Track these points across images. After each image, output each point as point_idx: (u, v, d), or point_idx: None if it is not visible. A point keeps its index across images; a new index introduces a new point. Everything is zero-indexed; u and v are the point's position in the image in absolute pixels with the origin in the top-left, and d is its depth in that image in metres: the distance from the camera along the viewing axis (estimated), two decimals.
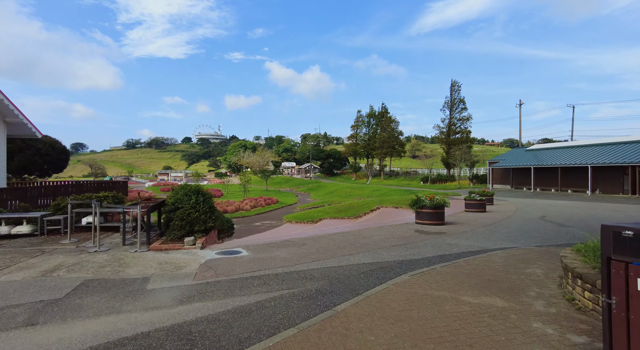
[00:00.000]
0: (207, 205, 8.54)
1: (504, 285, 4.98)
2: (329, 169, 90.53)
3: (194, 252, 7.15)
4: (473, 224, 12.11)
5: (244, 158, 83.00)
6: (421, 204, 11.87)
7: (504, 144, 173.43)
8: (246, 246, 7.83)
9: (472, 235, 9.66)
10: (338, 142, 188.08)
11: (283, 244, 8.11)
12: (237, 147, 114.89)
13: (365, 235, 9.54)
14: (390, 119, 70.14)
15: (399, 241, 8.59)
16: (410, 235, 9.51)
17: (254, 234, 26.05)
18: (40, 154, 58.03)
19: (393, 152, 67.80)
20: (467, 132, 55.10)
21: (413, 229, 10.88)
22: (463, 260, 6.58)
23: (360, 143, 76.19)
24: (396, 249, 7.62)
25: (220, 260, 6.53)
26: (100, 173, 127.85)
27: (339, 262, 6.40)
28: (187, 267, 6.03)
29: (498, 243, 8.45)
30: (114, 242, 7.91)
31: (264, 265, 6.20)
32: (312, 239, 8.78)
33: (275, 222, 31.00)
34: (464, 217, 14.07)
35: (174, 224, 8.05)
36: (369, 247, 7.79)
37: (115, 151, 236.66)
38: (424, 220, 11.86)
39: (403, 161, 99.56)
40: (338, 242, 8.36)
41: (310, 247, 7.82)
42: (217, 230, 15.05)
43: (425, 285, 4.97)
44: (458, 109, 55.66)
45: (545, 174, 34.38)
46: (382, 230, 10.51)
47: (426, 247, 7.84)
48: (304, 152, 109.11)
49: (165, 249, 7.27)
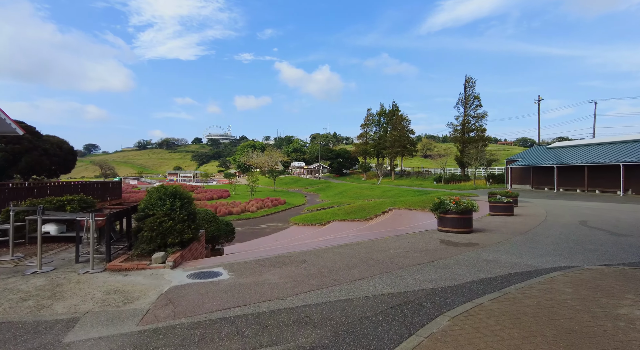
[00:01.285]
0: (185, 211, 6.94)
1: (604, 345, 3.23)
2: (339, 169, 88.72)
3: (161, 273, 5.55)
4: (505, 231, 10.30)
5: (252, 158, 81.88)
6: (445, 209, 10.10)
7: (517, 143, 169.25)
8: (230, 265, 6.19)
9: (511, 247, 7.87)
10: (347, 141, 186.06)
11: (277, 262, 6.45)
12: (246, 147, 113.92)
13: (380, 247, 7.84)
14: (402, 118, 68.03)
15: (423, 257, 6.87)
16: (436, 248, 7.77)
17: (258, 237, 24.45)
18: (48, 155, 57.68)
19: (404, 151, 65.66)
20: (482, 130, 52.77)
21: (437, 238, 9.12)
22: (516, 288, 4.83)
23: (371, 142, 74.18)
24: (422, 270, 5.90)
25: (190, 287, 4.91)
26: (111, 173, 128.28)
27: (348, 293, 4.72)
28: (140, 299, 4.43)
29: (549, 259, 6.66)
30: (68, 259, 6.36)
31: (245, 296, 4.56)
32: (315, 254, 7.11)
33: (281, 224, 29.41)
34: (491, 223, 12.24)
35: (142, 236, 6.47)
36: (387, 266, 6.09)
37: (127, 152, 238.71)
38: (448, 227, 10.10)
39: (414, 161, 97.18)
40: (346, 259, 6.68)
41: (311, 265, 6.15)
42: (212, 236, 13.50)
43: (477, 340, 3.27)
44: (473, 106, 53.35)
45: (569, 174, 32.07)
46: (400, 240, 8.78)
47: (460, 267, 6.11)
48: (313, 152, 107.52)
49: (125, 268, 5.69)
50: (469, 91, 53.85)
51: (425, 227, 11.69)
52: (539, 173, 36.11)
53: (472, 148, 47.00)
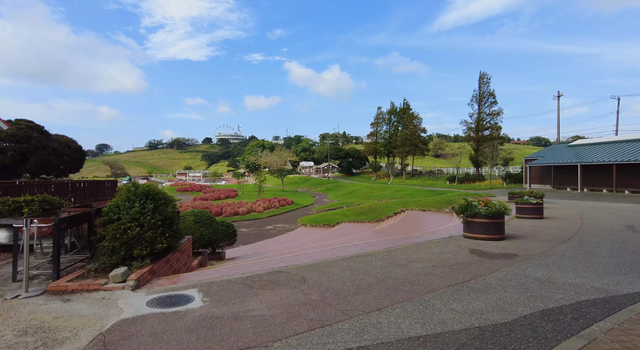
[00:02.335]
0: (159, 215, 5.64)
1: None
2: (348, 169, 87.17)
3: (116, 297, 4.25)
4: (543, 238, 8.76)
5: (261, 158, 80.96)
6: (473, 212, 8.62)
7: (530, 142, 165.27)
8: (208, 285, 4.84)
9: (560, 260, 6.36)
10: (357, 141, 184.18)
11: (269, 280, 5.09)
12: (255, 146, 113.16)
13: (399, 259, 6.42)
14: (413, 116, 66.16)
15: (455, 274, 5.43)
16: (468, 261, 6.32)
17: (264, 239, 23.12)
18: (56, 154, 57.49)
19: (416, 150, 63.77)
20: (498, 128, 50.71)
21: (465, 247, 7.66)
22: (602, 330, 3.39)
23: (381, 141, 72.38)
24: (457, 294, 4.47)
25: (144, 321, 3.58)
26: (121, 173, 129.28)
27: (361, 335, 3.33)
28: (65, 344, 3.11)
29: (620, 279, 5.15)
30: (7, 275, 5.11)
31: (214, 340, 3.21)
32: (318, 269, 5.72)
33: (288, 225, 28.09)
34: (522, 227, 10.70)
35: (102, 246, 5.19)
36: (411, 289, 4.68)
37: (138, 152, 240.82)
38: (477, 233, 8.61)
39: (425, 160, 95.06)
40: (358, 277, 5.28)
41: (312, 287, 4.78)
42: (208, 240, 12.23)
43: None
44: (487, 102, 51.32)
45: (595, 173, 30.04)
46: (421, 250, 7.34)
47: (506, 289, 4.66)
48: (322, 151, 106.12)
49: (72, 290, 4.40)
50: (484, 87, 51.82)
51: (448, 232, 10.20)
52: (561, 172, 34.09)
53: (487, 146, 45.07)
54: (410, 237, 9.43)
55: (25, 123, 52.19)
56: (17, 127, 50.77)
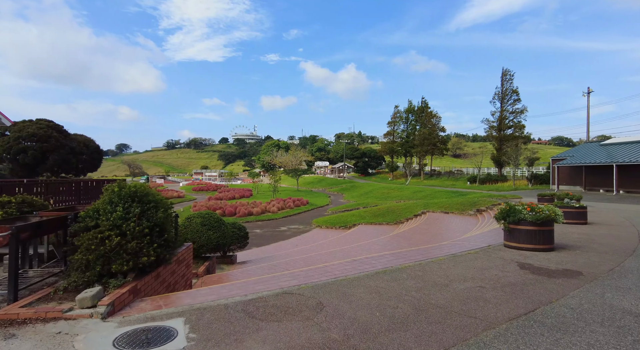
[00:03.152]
0: (147, 222, 4.67)
1: None
2: (364, 169, 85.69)
3: (77, 331, 3.27)
4: (599, 249, 7.44)
5: (277, 157, 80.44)
6: (517, 218, 7.36)
7: (552, 142, 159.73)
8: (199, 312, 3.82)
9: None
10: (373, 141, 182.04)
11: (277, 306, 4.03)
12: (270, 146, 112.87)
13: (435, 277, 5.27)
14: (431, 114, 64.26)
15: (511, 300, 4.25)
16: (520, 280, 5.12)
17: (278, 241, 22.15)
18: (74, 153, 58.14)
19: (434, 149, 61.89)
20: (521, 126, 48.48)
21: (511, 260, 6.43)
22: None
23: (398, 141, 70.67)
24: (525, 334, 3.32)
25: None
26: (139, 172, 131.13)
27: None
28: None
29: None
30: None
31: None
32: (338, 290, 4.62)
33: (303, 226, 27.08)
34: (568, 235, 9.34)
35: (74, 260, 4.25)
36: (461, 325, 3.55)
37: (156, 151, 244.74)
38: (522, 242, 7.36)
39: (443, 160, 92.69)
40: (389, 303, 4.17)
41: (331, 318, 3.70)
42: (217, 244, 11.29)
43: None
44: (510, 100, 49.14)
45: (631, 173, 27.92)
46: (459, 263, 6.17)
47: (592, 328, 3.47)
48: (337, 151, 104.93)
49: (23, 318, 3.45)
50: (507, 85, 49.65)
51: (483, 240, 8.94)
52: (593, 173, 31.95)
53: (510, 146, 43.03)
54: (442, 246, 8.22)
55: (46, 122, 52.80)
56: (38, 126, 51.42)
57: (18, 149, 50.51)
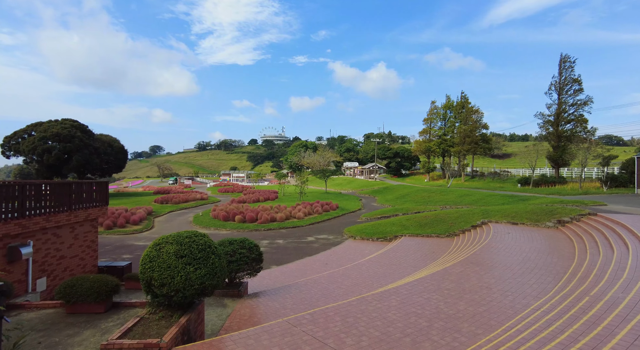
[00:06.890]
0: None
1: None
2: (397, 169, 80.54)
3: None
4: None
5: (304, 158, 77.12)
6: None
7: (599, 140, 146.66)
8: None
9: None
10: (404, 141, 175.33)
11: None
12: (297, 147, 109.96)
13: None
14: (472, 110, 58.32)
15: None
16: None
17: (303, 258, 18.21)
18: (98, 153, 56.90)
19: (476, 148, 55.95)
20: (584, 120, 42.01)
21: None
22: None
23: (435, 139, 65.14)
24: None
25: None
26: (169, 173, 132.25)
27: None
28: None
29: None
30: None
31: None
32: None
33: (333, 236, 23.06)
34: None
35: None
36: None
37: (188, 153, 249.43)
38: None
39: (481, 161, 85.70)
40: None
41: None
42: (201, 288, 7.17)
43: None
44: (571, 91, 42.78)
45: None
46: None
47: None
48: (367, 151, 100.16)
49: None
50: (566, 73, 43.27)
51: None
52: None
53: (575, 142, 37.05)
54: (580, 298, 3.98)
55: (70, 122, 51.93)
56: (62, 126, 50.48)
57: (43, 149, 49.90)
